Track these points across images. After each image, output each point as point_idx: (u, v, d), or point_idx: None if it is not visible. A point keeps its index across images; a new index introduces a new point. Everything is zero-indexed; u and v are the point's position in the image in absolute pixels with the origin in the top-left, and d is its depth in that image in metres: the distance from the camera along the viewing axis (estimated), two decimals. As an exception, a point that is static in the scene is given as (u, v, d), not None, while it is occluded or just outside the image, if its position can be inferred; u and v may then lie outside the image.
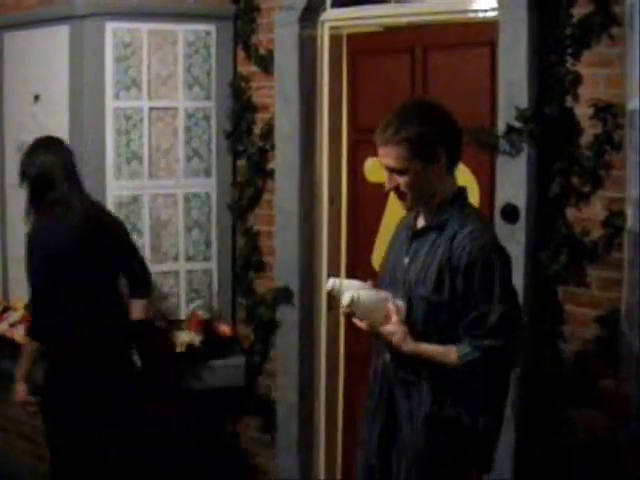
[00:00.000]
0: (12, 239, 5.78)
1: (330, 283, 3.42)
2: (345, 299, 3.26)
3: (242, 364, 5.38)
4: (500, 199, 4.24)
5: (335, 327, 5.24)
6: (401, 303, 3.30)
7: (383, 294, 3.34)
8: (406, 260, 3.37)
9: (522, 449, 4.25)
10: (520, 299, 4.13)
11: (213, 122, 5.43)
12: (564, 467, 3.89)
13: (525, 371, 4.22)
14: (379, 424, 3.48)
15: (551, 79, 4.13)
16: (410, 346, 3.25)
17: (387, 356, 3.41)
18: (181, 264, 5.47)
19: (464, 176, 4.55)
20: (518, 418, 4.22)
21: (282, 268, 5.21)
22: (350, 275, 4.90)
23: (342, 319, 5.03)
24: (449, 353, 3.22)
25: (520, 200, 4.16)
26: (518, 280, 4.16)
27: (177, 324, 5.34)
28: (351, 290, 3.29)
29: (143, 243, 5.37)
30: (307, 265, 5.20)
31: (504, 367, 3.34)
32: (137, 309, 4.67)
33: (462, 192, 3.43)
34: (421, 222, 3.44)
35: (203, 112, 5.42)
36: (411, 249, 3.38)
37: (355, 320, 3.33)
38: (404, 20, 4.88)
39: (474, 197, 4.53)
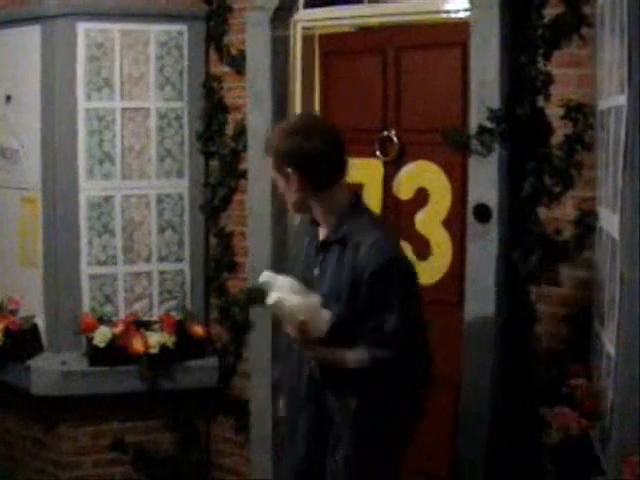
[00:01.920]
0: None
1: (264, 276, 3.32)
2: (271, 298, 3.23)
3: (215, 365, 5.37)
4: (472, 199, 4.25)
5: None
6: (327, 313, 3.27)
7: (313, 300, 3.27)
8: (316, 272, 3.41)
9: (495, 448, 4.27)
10: (492, 298, 4.19)
11: (185, 123, 5.42)
12: (537, 466, 3.90)
13: (497, 370, 4.24)
14: (305, 424, 3.50)
15: (522, 79, 4.14)
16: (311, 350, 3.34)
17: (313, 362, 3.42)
18: (154, 265, 5.46)
19: (436, 176, 4.58)
20: (491, 417, 4.25)
21: (255, 268, 5.19)
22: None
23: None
24: (345, 356, 3.30)
25: (492, 200, 4.17)
26: (490, 279, 4.19)
27: (150, 325, 5.33)
28: (279, 292, 3.23)
29: (115, 244, 5.37)
30: (280, 265, 5.19)
31: (393, 378, 3.33)
32: None
33: (358, 198, 3.47)
34: (323, 231, 3.45)
35: (175, 113, 5.41)
36: (319, 261, 3.41)
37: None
38: (376, 21, 4.89)
39: (446, 197, 4.55)
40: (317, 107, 5.13)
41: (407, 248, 4.69)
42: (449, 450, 4.51)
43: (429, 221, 4.62)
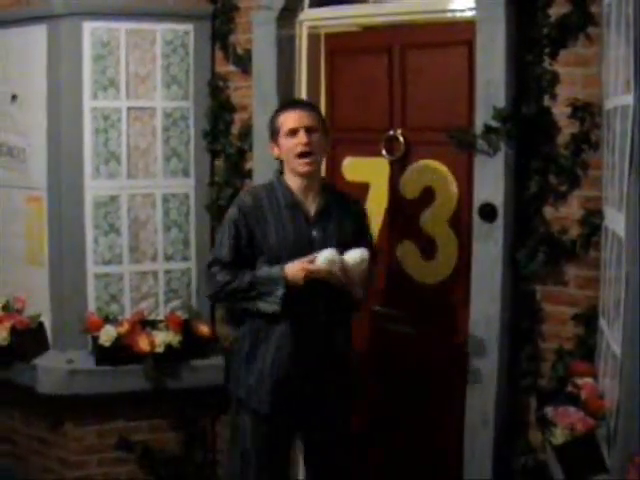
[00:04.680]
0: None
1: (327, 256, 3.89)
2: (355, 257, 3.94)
3: (221, 364, 5.34)
4: (478, 198, 4.24)
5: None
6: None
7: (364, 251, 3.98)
8: (315, 233, 4.02)
9: (501, 448, 4.26)
10: (498, 298, 4.19)
11: (191, 122, 5.43)
12: (543, 466, 3.90)
13: (504, 370, 4.24)
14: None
15: (528, 78, 4.14)
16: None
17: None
18: (159, 264, 5.47)
19: (442, 175, 4.57)
20: (497, 417, 4.24)
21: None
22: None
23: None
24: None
25: (498, 199, 4.17)
26: (496, 279, 4.19)
27: (156, 324, 5.33)
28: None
29: (121, 243, 5.38)
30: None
31: None
32: None
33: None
34: (305, 200, 4.05)
35: (181, 112, 5.42)
36: (316, 225, 4.03)
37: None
38: (382, 20, 4.89)
39: (452, 196, 4.55)
40: (323, 106, 5.12)
41: (413, 247, 4.71)
42: (455, 450, 4.50)
43: (435, 220, 4.61)
